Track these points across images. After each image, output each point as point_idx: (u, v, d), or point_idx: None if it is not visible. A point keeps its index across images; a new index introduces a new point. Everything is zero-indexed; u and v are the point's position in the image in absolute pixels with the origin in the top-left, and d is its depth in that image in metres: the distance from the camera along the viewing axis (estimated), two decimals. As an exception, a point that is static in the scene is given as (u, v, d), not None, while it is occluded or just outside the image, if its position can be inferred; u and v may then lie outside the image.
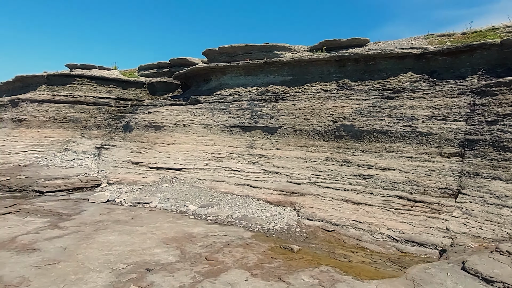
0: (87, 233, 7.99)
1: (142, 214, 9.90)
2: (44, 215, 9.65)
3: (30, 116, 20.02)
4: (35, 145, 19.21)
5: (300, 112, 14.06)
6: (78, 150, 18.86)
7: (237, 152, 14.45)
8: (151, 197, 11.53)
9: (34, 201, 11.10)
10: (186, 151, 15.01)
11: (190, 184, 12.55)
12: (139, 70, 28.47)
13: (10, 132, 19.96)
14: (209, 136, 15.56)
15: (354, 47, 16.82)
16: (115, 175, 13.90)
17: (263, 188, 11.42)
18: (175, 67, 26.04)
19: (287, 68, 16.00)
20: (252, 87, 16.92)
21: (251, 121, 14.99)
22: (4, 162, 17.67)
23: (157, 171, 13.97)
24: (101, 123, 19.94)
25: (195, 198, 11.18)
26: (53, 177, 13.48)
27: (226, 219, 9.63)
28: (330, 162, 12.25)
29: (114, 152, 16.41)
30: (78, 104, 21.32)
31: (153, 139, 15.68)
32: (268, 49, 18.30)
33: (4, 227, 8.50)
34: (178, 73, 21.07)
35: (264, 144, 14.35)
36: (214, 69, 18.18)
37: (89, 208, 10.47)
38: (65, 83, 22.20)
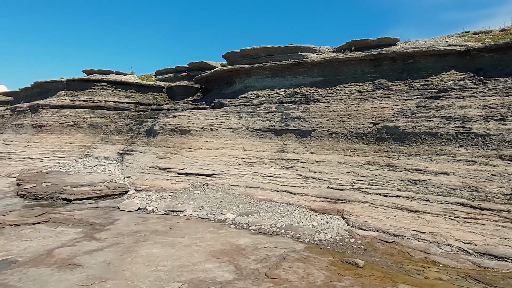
0: (128, 246, 7.35)
1: (179, 224, 9.25)
2: (76, 225, 9.07)
3: (50, 122, 19.63)
4: (56, 151, 18.79)
5: (335, 114, 13.35)
6: (100, 156, 18.37)
7: (268, 157, 13.76)
8: (184, 205, 10.88)
9: (63, 210, 10.54)
10: (214, 156, 14.38)
11: (223, 191, 11.88)
12: (156, 74, 28.09)
13: (31, 138, 19.59)
14: (238, 140, 14.91)
15: (383, 47, 16.04)
16: (143, 181, 13.31)
17: (304, 195, 10.71)
18: (194, 71, 25.56)
19: (317, 69, 15.33)
20: (280, 89, 16.27)
21: (281, 124, 14.32)
22: (26, 168, 17.27)
23: (186, 177, 13.34)
24: (122, 128, 19.45)
25: (232, 206, 10.50)
26: (79, 184, 12.94)
27: (270, 228, 8.92)
28: (372, 167, 11.48)
29: (139, 157, 15.86)
30: (98, 109, 20.91)
31: (179, 143, 15.09)
32: (292, 50, 17.65)
33: (37, 239, 7.92)
34: (199, 76, 20.54)
35: (297, 148, 13.65)
36: (239, 71, 17.59)
37: (122, 217, 9.87)
38: (85, 88, 21.84)
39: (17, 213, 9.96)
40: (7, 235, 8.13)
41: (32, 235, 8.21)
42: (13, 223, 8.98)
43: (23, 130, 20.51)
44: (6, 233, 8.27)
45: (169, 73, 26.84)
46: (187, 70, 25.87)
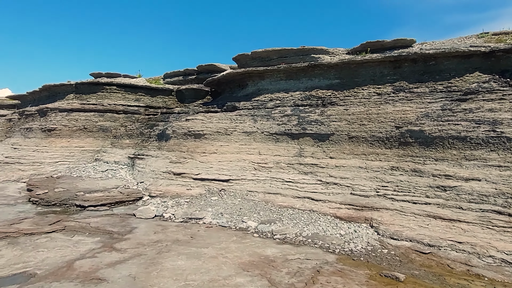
0: (151, 257, 6.97)
1: (200, 233, 8.86)
2: (93, 234, 8.70)
3: (60, 126, 19.34)
4: (66, 156, 18.48)
5: (354, 118, 12.95)
6: (110, 160, 18.04)
7: (285, 162, 13.37)
8: (202, 212, 10.50)
9: (78, 217, 10.18)
10: (229, 161, 14.00)
11: (241, 197, 11.49)
12: (165, 77, 27.81)
13: (40, 142, 19.31)
14: (253, 145, 14.53)
15: (399, 48, 15.62)
16: (157, 187, 12.95)
17: (328, 202, 10.30)
18: (203, 73, 25.28)
19: (333, 71, 14.95)
20: (295, 91, 15.90)
21: (298, 128, 13.94)
22: (36, 173, 16.96)
23: (202, 182, 12.97)
24: (132, 132, 19.13)
25: (253, 213, 10.11)
26: (92, 190, 12.59)
27: (296, 238, 8.52)
28: (396, 172, 11.06)
29: (151, 162, 15.51)
30: (108, 112, 20.61)
31: (193, 148, 14.73)
32: (304, 52, 17.30)
33: (54, 249, 7.55)
34: (210, 79, 20.22)
35: (315, 152, 13.26)
36: (252, 74, 17.24)
37: (139, 225, 9.49)
38: (94, 91, 21.55)
39: (31, 220, 9.62)
40: (23, 245, 7.78)
41: (48, 244, 7.85)
42: (28, 231, 8.63)
43: (32, 134, 20.23)
44: (21, 243, 7.92)
45: (178, 76, 26.55)
46: (196, 73, 25.59)
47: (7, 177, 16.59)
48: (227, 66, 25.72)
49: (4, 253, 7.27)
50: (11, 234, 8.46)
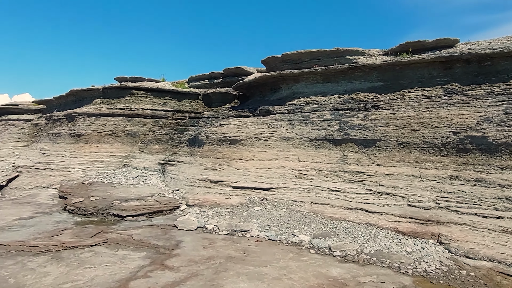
0: (210, 278, 6.33)
1: (251, 248, 8.20)
2: (138, 248, 8.14)
3: (88, 131, 19.08)
4: (95, 161, 18.18)
5: (403, 122, 12.11)
6: (139, 166, 17.63)
7: (327, 169, 12.62)
8: (247, 224, 9.84)
9: (118, 228, 9.67)
10: (267, 168, 13.34)
11: (287, 208, 10.80)
12: (189, 81, 27.45)
13: (69, 148, 19.08)
14: (292, 151, 13.84)
15: (441, 49, 14.68)
16: (194, 195, 12.38)
17: (385, 214, 9.49)
18: (229, 77, 24.80)
19: (376, 73, 14.16)
20: (333, 95, 15.14)
21: (340, 133, 13.17)
22: (66, 179, 16.67)
23: (241, 191, 12.34)
24: (161, 137, 18.70)
25: (303, 226, 9.39)
26: (127, 198, 12.11)
27: (358, 255, 7.76)
28: (457, 182, 10.18)
29: (184, 169, 14.98)
30: (136, 117, 20.28)
31: (228, 154, 14.13)
32: (339, 54, 16.54)
33: (101, 265, 7.01)
34: (241, 82, 19.64)
35: (360, 159, 12.46)
36: (286, 77, 16.58)
37: (184, 238, 8.90)
38: (121, 96, 21.28)
39: (70, 232, 9.15)
40: (68, 261, 7.26)
41: (94, 260, 7.32)
42: (70, 245, 8.14)
43: (60, 139, 20.05)
44: (65, 258, 7.41)
45: (203, 79, 26.16)
46: (222, 76, 25.13)
47: (38, 183, 16.34)
48: (254, 69, 25.17)
49: (50, 270, 6.76)
50: (53, 247, 7.98)
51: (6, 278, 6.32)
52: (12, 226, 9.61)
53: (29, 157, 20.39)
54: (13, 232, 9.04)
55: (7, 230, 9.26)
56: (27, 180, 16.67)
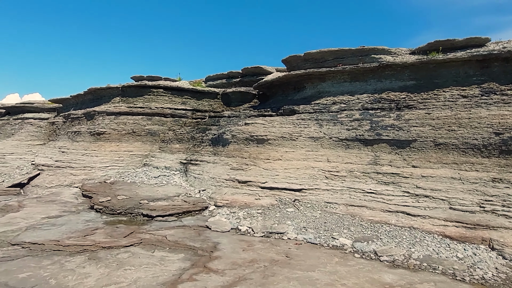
0: (260, 283, 6.00)
1: (292, 251, 7.85)
2: (175, 250, 7.85)
3: (109, 129, 18.92)
4: (115, 160, 18.00)
5: (440, 122, 11.67)
6: (160, 166, 17.39)
7: (359, 170, 12.23)
8: (282, 226, 9.50)
9: (149, 229, 9.40)
10: (296, 168, 12.99)
11: (321, 209, 10.43)
12: (207, 80, 27.24)
13: (89, 146, 18.94)
14: (320, 151, 13.47)
15: (472, 47, 14.21)
16: (222, 196, 12.07)
17: (428, 218, 9.07)
18: (247, 76, 24.52)
19: (408, 72, 13.73)
20: (361, 94, 14.74)
21: (371, 133, 12.77)
22: (87, 178, 16.51)
23: (271, 191, 12.00)
24: (182, 136, 18.46)
25: (342, 229, 9.02)
26: (154, 198, 11.85)
27: (407, 260, 7.37)
28: (501, 184, 9.72)
29: (208, 168, 14.70)
30: (156, 116, 20.08)
31: (255, 154, 13.81)
32: (364, 52, 16.16)
33: (141, 267, 6.72)
34: (263, 81, 19.32)
35: (393, 160, 12.05)
36: (312, 76, 16.22)
37: (220, 240, 8.59)
38: (140, 94, 21.11)
39: (103, 231, 8.90)
40: (106, 261, 7.00)
41: (133, 261, 7.04)
42: (106, 245, 7.88)
43: (80, 138, 19.93)
44: (103, 258, 7.15)
45: (221, 79, 25.93)
46: (240, 75, 24.87)
47: (60, 182, 16.20)
48: (273, 68, 24.88)
49: (90, 271, 6.50)
50: (88, 247, 7.73)
51: (47, 279, 6.07)
52: (43, 225, 9.40)
53: (49, 155, 20.31)
54: (44, 231, 8.82)
55: (38, 228, 9.05)
56: (49, 178, 16.54)
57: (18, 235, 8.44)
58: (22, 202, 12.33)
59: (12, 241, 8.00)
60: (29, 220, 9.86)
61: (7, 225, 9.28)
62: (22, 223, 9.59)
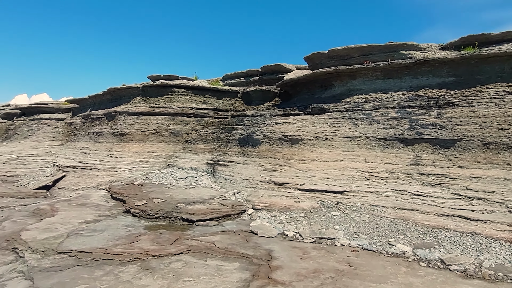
0: (336, 297, 5.60)
1: (352, 259, 7.43)
2: (227, 258, 7.48)
3: (132, 130, 18.63)
4: (140, 161, 17.70)
5: (487, 121, 11.16)
6: (186, 166, 17.04)
7: (400, 171, 11.76)
8: (331, 230, 9.08)
9: (194, 234, 9.04)
10: (333, 169, 12.55)
11: (368, 213, 9.99)
12: (224, 79, 26.89)
13: (112, 147, 18.66)
14: (357, 151, 13.01)
15: (508, 42, 13.65)
16: (259, 198, 11.69)
17: (490, 222, 8.60)
18: (267, 74, 24.14)
19: (447, 68, 13.20)
20: (396, 92, 14.24)
21: (411, 133, 12.29)
22: (113, 179, 16.22)
23: (310, 194, 11.59)
24: (207, 136, 18.10)
25: (397, 234, 8.58)
26: (190, 201, 11.50)
27: (479, 270, 6.91)
28: (562, 186, 9.21)
29: (239, 169, 14.31)
30: (179, 116, 19.74)
31: (289, 154, 13.40)
32: (392, 49, 15.68)
33: (200, 278, 6.35)
34: (287, 79, 18.88)
35: (437, 160, 11.56)
36: (342, 73, 15.74)
37: (271, 246, 8.20)
38: (162, 94, 20.77)
39: (147, 238, 8.55)
40: (161, 272, 6.64)
41: (189, 271, 6.68)
42: (155, 253, 7.54)
43: (102, 139, 19.66)
44: (157, 268, 6.79)
45: (239, 77, 25.57)
46: (260, 74, 24.49)
47: (86, 184, 15.94)
48: (293, 66, 24.46)
49: (148, 283, 6.14)
50: (138, 256, 7.38)
51: (106, 293, 5.72)
52: (83, 231, 9.09)
53: (70, 157, 20.08)
54: (87, 238, 8.50)
55: (80, 235, 8.73)
56: (75, 180, 16.29)
57: (62, 242, 8.12)
58: (54, 205, 12.05)
59: (58, 249, 7.68)
60: (68, 226, 9.55)
61: (47, 231, 8.98)
62: (61, 228, 9.28)
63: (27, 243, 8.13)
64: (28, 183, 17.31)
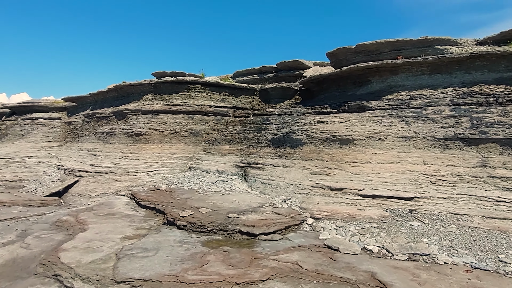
0: None
1: (474, 282, 6.27)
2: (326, 284, 6.21)
3: (149, 130, 17.05)
4: (160, 164, 16.18)
5: None
6: (211, 169, 15.63)
7: (467, 174, 10.74)
8: (421, 244, 7.92)
9: (264, 252, 7.71)
10: (390, 172, 11.43)
11: (454, 223, 8.88)
12: (234, 76, 25.58)
13: (126, 148, 17.04)
14: (414, 152, 11.93)
15: None
16: (315, 206, 10.45)
17: None
18: (283, 71, 23.01)
19: (505, 62, 12.28)
20: (446, 88, 13.25)
21: (474, 132, 11.31)
22: (133, 184, 14.67)
23: (374, 200, 10.42)
24: (233, 136, 16.72)
25: (505, 249, 7.48)
26: (240, 210, 10.15)
27: None
28: None
29: (279, 173, 13.02)
30: (198, 114, 18.26)
31: (339, 156, 12.20)
32: (426, 44, 14.90)
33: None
34: (315, 75, 17.72)
35: (507, 162, 10.59)
36: (382, 68, 14.68)
37: (368, 266, 6.96)
38: (177, 91, 19.23)
39: (215, 259, 7.17)
40: (262, 307, 5.30)
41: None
42: (238, 280, 6.21)
43: (114, 139, 17.99)
44: (254, 302, 5.45)
45: (252, 74, 24.34)
46: (275, 70, 23.32)
47: (104, 190, 14.32)
48: (311, 62, 23.40)
49: (258, 325, 4.79)
50: (220, 284, 6.01)
51: None
52: (132, 250, 7.62)
53: (77, 159, 18.33)
54: (143, 260, 7.05)
55: (132, 256, 7.27)
56: (90, 185, 14.63)
57: (115, 268, 6.66)
58: (79, 216, 10.49)
59: (116, 277, 6.23)
60: (110, 243, 8.06)
61: (89, 252, 7.49)
62: (104, 247, 7.80)
63: (72, 269, 6.64)
64: (35, 189, 15.52)
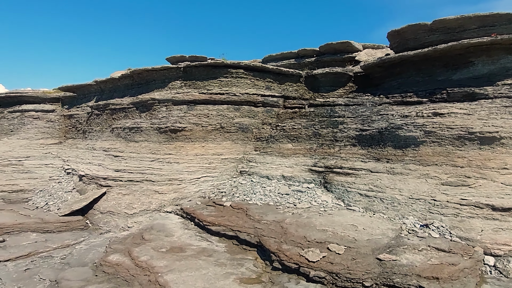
0: None
1: None
2: None
3: (189, 125, 13.46)
4: (206, 168, 12.75)
5: None
6: (272, 175, 12.29)
7: None
8: None
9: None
10: (559, 183, 8.36)
11: None
12: (265, 61, 22.08)
13: (158, 148, 13.45)
14: None
15: None
16: (481, 235, 7.26)
17: None
18: (327, 55, 19.78)
19: None
20: None
21: None
22: (179, 196, 11.27)
23: None
24: (296, 132, 13.36)
25: None
26: (381, 245, 6.86)
27: None
28: None
29: (386, 182, 9.77)
30: (244, 105, 14.76)
31: (479, 160, 9.04)
32: None
33: None
34: (391, 57, 14.44)
35: None
36: (495, 45, 11.71)
37: None
38: (213, 77, 15.56)
39: None
40: None
41: None
42: None
43: (140, 136, 14.32)
44: None
45: (288, 58, 21.07)
46: (316, 54, 20.09)
47: (143, 205, 10.76)
48: (360, 44, 20.27)
49: None
50: None
51: None
52: None
53: (92, 161, 14.60)
54: None
55: None
56: (124, 199, 11.01)
57: None
58: (134, 254, 7.00)
59: None
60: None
61: None
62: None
63: None
64: (46, 203, 11.75)
